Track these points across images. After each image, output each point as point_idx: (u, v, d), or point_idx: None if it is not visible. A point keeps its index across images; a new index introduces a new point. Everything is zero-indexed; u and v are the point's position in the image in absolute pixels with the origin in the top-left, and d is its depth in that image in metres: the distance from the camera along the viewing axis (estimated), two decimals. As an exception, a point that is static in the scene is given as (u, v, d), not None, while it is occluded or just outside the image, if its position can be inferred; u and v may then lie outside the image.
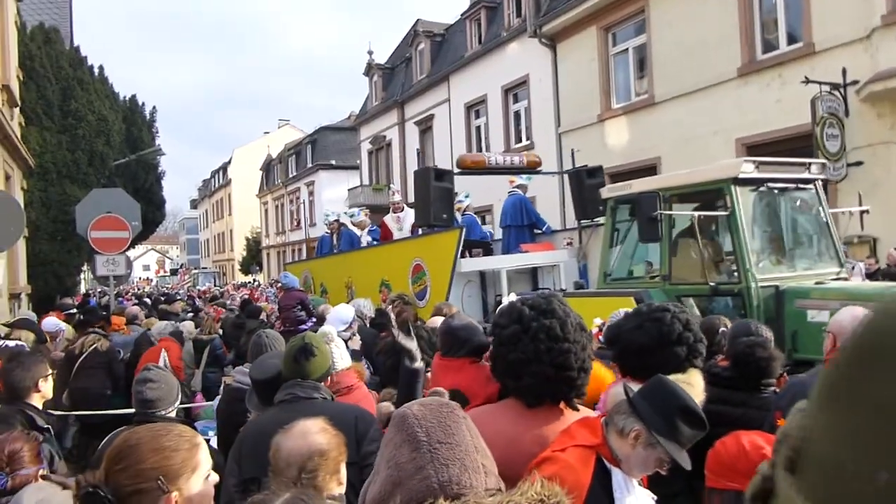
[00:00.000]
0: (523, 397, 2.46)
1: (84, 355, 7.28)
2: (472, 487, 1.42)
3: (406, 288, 8.53)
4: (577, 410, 2.53)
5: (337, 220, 12.57)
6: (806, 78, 11.18)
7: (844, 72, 11.26)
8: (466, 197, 10.46)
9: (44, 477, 2.73)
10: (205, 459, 1.93)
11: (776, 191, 6.25)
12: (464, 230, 8.13)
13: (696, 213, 6.07)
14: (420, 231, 9.76)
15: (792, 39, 12.54)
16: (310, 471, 2.18)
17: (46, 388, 3.90)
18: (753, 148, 12.30)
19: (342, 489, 2.31)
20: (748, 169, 5.93)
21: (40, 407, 3.91)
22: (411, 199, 9.64)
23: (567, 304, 2.57)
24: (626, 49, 16.25)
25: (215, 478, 1.99)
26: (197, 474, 1.88)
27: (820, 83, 11.21)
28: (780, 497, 0.62)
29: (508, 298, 6.71)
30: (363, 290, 9.71)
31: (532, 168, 9.50)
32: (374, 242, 11.49)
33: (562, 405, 2.48)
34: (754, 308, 5.59)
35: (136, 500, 1.74)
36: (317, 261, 13.19)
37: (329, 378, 3.49)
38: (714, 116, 13.55)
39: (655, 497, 2.34)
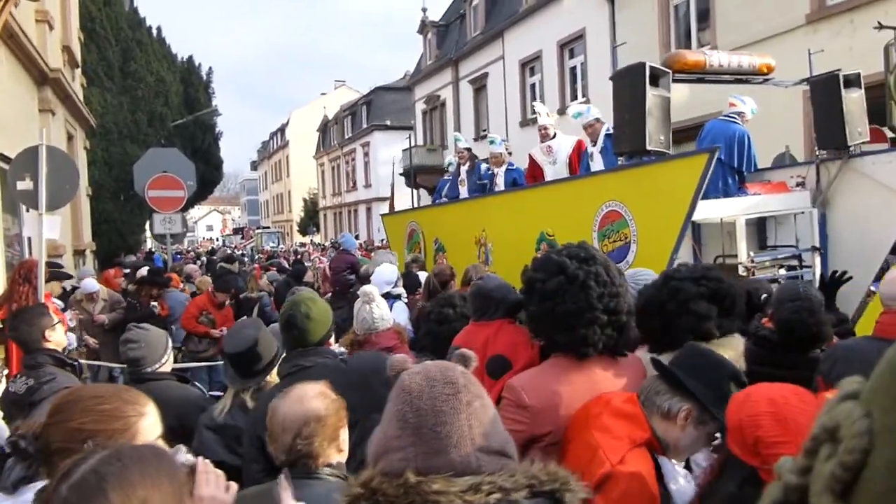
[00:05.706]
0: (575, 350, 2.36)
1: None
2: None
3: None
4: (626, 356, 2.48)
5: (468, 149, 9.72)
6: (879, 23, 10.45)
7: (923, 15, 10.54)
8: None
9: None
10: (148, 430, 1.77)
11: None
12: (715, 154, 5.23)
13: None
14: (620, 161, 6.47)
15: (866, -18, 11.78)
16: (305, 437, 2.09)
17: (56, 336, 3.88)
18: (821, 100, 11.65)
19: (343, 457, 2.20)
20: None
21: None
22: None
23: (600, 249, 2.47)
24: (688, -2, 15.57)
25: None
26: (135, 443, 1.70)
27: (895, 28, 10.49)
28: None
29: (743, 262, 5.46)
30: (508, 248, 7.18)
31: (764, 74, 7.34)
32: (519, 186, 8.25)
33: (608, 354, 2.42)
34: None
35: (60, 458, 1.56)
36: (429, 210, 10.05)
37: (329, 339, 3.33)
38: (781, 66, 12.86)
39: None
